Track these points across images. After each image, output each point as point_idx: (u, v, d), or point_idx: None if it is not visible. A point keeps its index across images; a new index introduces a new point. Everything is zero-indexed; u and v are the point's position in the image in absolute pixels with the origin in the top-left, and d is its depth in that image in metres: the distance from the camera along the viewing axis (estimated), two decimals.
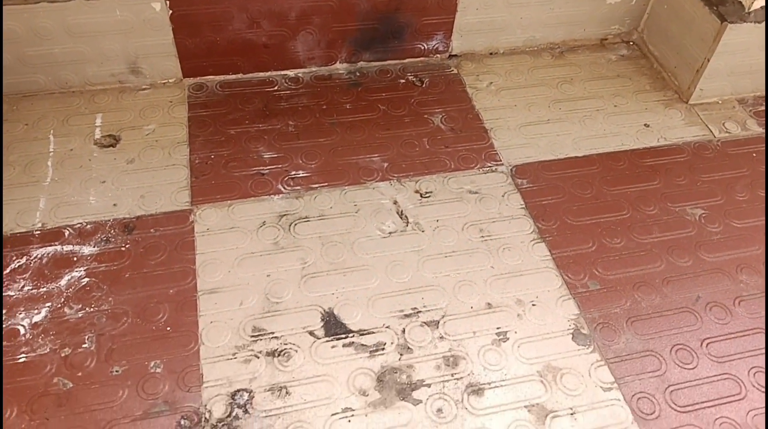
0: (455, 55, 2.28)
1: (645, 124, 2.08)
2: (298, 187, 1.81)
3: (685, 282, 1.64)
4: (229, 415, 1.34)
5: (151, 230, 1.67)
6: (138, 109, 2.00)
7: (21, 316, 1.48)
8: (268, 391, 1.38)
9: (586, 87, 2.20)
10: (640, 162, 1.95)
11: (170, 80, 2.10)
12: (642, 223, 1.78)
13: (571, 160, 1.94)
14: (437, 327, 1.52)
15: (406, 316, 1.53)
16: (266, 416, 1.34)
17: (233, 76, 2.14)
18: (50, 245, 1.62)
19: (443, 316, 1.54)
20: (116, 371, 1.40)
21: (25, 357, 1.42)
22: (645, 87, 2.22)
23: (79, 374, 1.39)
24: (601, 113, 2.11)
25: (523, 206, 1.79)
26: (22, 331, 1.46)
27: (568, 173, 1.90)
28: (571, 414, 1.38)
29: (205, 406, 1.35)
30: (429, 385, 1.41)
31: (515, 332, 1.51)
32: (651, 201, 1.84)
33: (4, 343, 1.44)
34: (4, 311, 1.49)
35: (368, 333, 1.50)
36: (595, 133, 2.03)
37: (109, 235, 1.65)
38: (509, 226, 1.74)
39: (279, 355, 1.44)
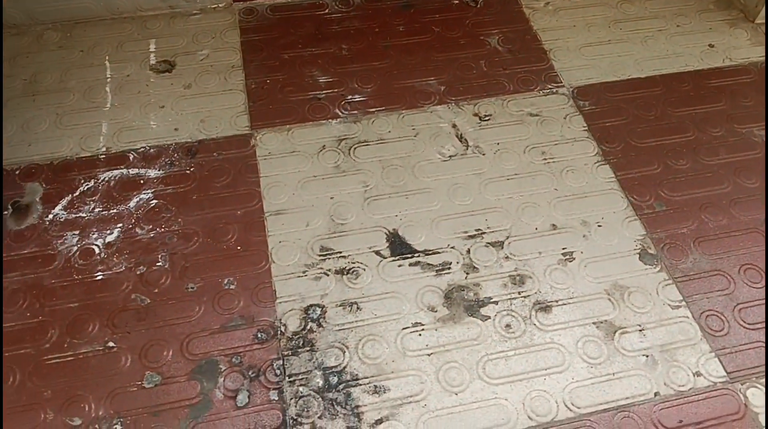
0: None
1: (709, 45, 2.00)
2: (356, 112, 1.79)
3: (753, 203, 1.61)
4: (303, 328, 1.37)
5: (214, 154, 1.68)
6: (190, 34, 1.98)
7: (94, 236, 1.52)
8: (340, 306, 1.41)
9: (647, 6, 2.11)
10: (704, 83, 1.89)
11: (220, 5, 2.06)
12: (708, 144, 1.73)
13: (633, 81, 1.88)
14: (502, 247, 1.52)
15: (471, 237, 1.54)
16: (339, 329, 1.37)
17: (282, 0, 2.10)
18: (116, 169, 1.65)
19: (508, 237, 1.54)
20: (191, 288, 1.44)
21: (102, 275, 1.46)
22: (709, 6, 2.12)
23: (156, 291, 1.43)
24: (663, 33, 2.03)
25: (586, 128, 1.76)
26: (97, 250, 1.50)
27: (631, 95, 1.84)
28: (640, 330, 1.39)
29: (280, 320, 1.38)
30: (496, 303, 1.43)
31: (581, 252, 1.51)
32: (717, 122, 1.79)
33: (80, 261, 1.48)
34: (77, 231, 1.53)
35: (433, 253, 1.51)
36: (658, 54, 1.96)
37: (173, 159, 1.67)
38: (572, 148, 1.71)
39: (348, 273, 1.46)
